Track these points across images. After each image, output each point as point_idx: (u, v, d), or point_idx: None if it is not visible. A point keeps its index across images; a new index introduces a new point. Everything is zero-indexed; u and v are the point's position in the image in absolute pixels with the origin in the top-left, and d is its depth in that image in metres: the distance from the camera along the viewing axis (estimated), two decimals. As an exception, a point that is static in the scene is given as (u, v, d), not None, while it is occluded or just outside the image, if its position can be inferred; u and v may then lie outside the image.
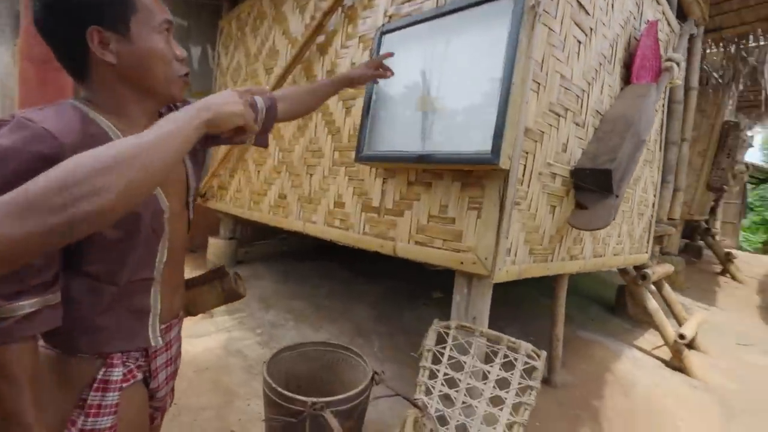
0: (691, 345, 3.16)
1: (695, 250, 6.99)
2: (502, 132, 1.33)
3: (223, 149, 3.22)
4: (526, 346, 1.49)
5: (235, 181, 3.17)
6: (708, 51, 4.24)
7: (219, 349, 2.55)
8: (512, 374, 1.48)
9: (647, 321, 3.46)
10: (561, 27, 1.59)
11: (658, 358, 3.11)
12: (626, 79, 2.25)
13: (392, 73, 1.45)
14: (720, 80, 4.50)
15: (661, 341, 3.14)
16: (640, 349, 3.22)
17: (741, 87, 4.81)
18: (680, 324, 3.39)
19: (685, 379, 2.87)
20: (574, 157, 1.82)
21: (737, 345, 3.91)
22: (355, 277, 3.88)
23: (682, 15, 3.16)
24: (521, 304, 3.65)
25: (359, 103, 1.96)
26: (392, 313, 3.20)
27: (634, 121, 1.87)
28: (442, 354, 1.55)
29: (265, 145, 1.12)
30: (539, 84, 1.53)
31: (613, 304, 4.08)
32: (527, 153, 1.54)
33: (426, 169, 1.69)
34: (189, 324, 2.81)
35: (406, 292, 3.59)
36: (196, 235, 4.36)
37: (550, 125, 1.64)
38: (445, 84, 1.57)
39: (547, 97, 1.59)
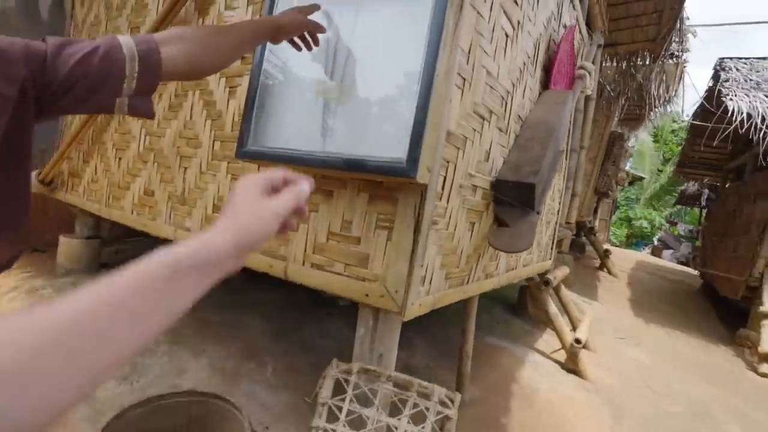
0: (584, 346, 3.32)
1: (579, 246, 7.69)
2: (421, 136, 1.04)
3: (76, 124, 2.51)
4: (439, 392, 1.25)
5: (90, 169, 2.50)
6: (603, 64, 4.51)
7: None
8: (423, 428, 1.23)
9: (545, 321, 3.57)
10: (490, 14, 1.35)
11: (555, 361, 3.20)
12: (544, 84, 2.14)
13: (324, 30, 1.11)
14: (611, 93, 4.85)
15: (558, 344, 3.24)
16: (541, 353, 3.28)
17: (626, 101, 5.26)
18: (573, 324, 3.56)
19: (579, 382, 2.97)
20: (496, 167, 1.62)
21: (616, 339, 4.28)
22: (249, 282, 3.40)
23: (587, 26, 3.22)
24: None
25: (246, 82, 1.53)
26: (291, 327, 2.83)
27: (555, 130, 1.74)
28: (340, 408, 1.24)
29: (150, 114, 0.76)
30: (464, 79, 1.27)
31: (515, 303, 4.19)
32: (448, 162, 1.28)
33: (326, 175, 1.35)
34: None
35: (307, 300, 3.23)
36: (44, 230, 3.49)
37: (474, 129, 1.40)
38: (352, 67, 1.23)
39: (472, 96, 1.35)
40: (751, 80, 4.93)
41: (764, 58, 5.97)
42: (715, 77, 5.75)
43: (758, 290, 4.60)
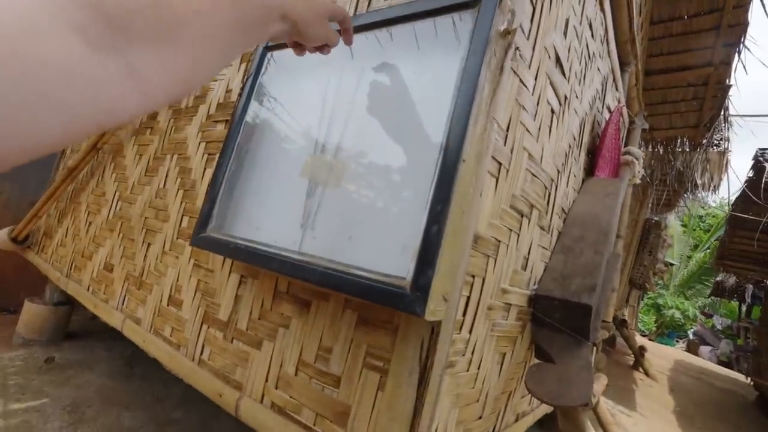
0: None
1: (610, 339, 6.93)
2: (436, 249, 0.67)
3: (58, 178, 2.28)
4: None
5: (62, 230, 2.21)
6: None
7: None
8: None
9: (580, 444, 2.92)
10: (535, 83, 1.04)
11: (596, 505, 2.53)
12: (588, 170, 1.80)
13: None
14: (648, 179, 4.52)
15: (598, 480, 2.58)
16: (576, 492, 2.62)
17: (664, 187, 4.90)
18: (616, 453, 2.90)
19: None
20: (536, 275, 1.23)
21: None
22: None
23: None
24: None
25: (225, 149, 1.23)
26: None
27: (609, 228, 1.36)
28: None
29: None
30: (500, 165, 0.93)
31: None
32: (474, 277, 0.90)
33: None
34: None
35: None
36: (15, 291, 3.18)
37: (510, 230, 1.03)
38: (349, 143, 0.91)
39: (509, 187, 1.00)
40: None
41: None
42: (756, 167, 5.40)
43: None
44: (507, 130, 0.94)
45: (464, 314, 0.89)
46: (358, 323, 0.88)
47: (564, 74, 1.24)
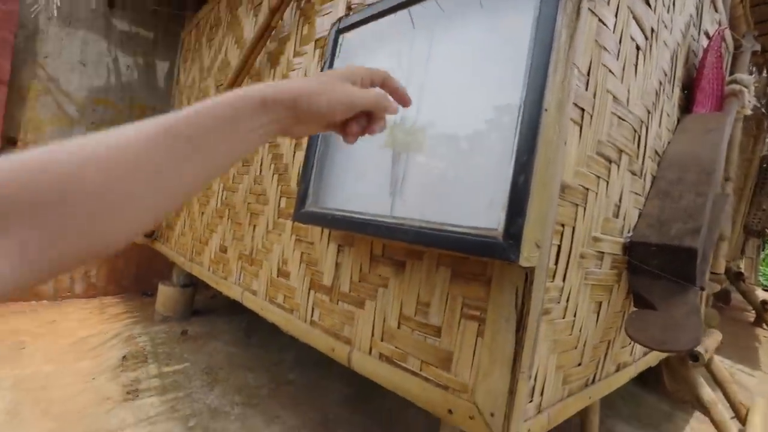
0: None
1: (723, 295, 6.26)
2: (524, 198, 0.71)
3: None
4: None
5: (180, 222, 2.57)
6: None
7: (125, 457, 1.89)
8: None
9: (692, 403, 2.76)
10: (616, 21, 0.99)
11: (713, 464, 2.39)
12: (684, 107, 1.64)
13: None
14: (763, 109, 3.91)
15: (715, 437, 2.43)
16: (690, 452, 2.50)
17: (782, 117, 4.20)
18: (737, 412, 2.68)
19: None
20: (629, 223, 1.19)
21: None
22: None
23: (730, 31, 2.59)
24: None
25: (311, 132, 1.35)
26: (373, 393, 2.52)
27: (713, 168, 1.25)
28: None
29: None
30: (583, 111, 0.91)
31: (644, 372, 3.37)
32: (563, 226, 0.91)
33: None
34: (100, 410, 2.16)
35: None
36: (149, 277, 3.75)
37: (598, 177, 1.01)
38: (427, 109, 0.96)
39: (594, 133, 0.98)
40: None
41: None
42: None
43: None
44: (588, 75, 0.91)
45: (556, 263, 0.91)
46: (452, 278, 0.95)
47: (649, 4, 1.14)
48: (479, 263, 0.90)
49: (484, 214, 0.79)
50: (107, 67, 3.37)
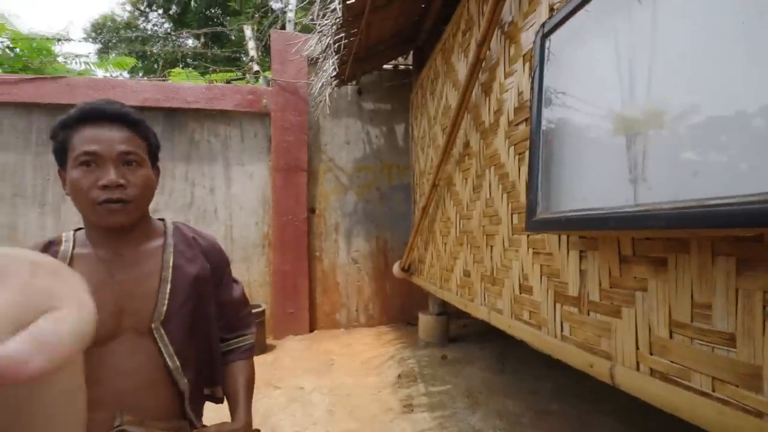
0: None
1: None
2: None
3: (416, 217, 3.05)
4: None
5: (429, 255, 2.90)
6: None
7: (410, 463, 2.15)
8: None
9: None
10: None
11: None
12: None
13: None
14: None
15: None
16: None
17: None
18: None
19: None
20: None
21: None
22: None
23: None
24: None
25: (532, 143, 1.36)
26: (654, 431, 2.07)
27: None
28: None
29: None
30: None
31: None
32: None
33: (650, 237, 0.92)
34: (386, 418, 2.56)
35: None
36: (411, 309, 4.29)
37: None
38: (658, 82, 0.84)
39: None
40: None
41: None
42: None
43: None
44: None
45: None
46: (738, 269, 0.75)
47: None
48: (780, 245, 0.68)
49: (757, 182, 0.61)
50: (362, 141, 4.28)
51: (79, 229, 0.85)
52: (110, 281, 0.77)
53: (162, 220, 0.91)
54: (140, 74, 8.78)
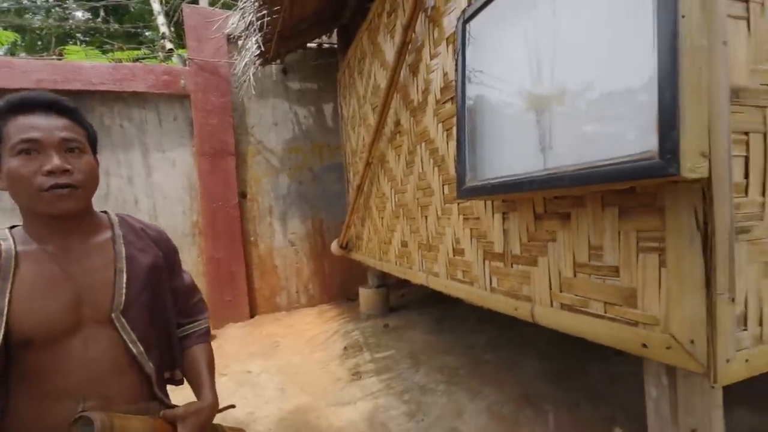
0: None
1: None
2: (674, 110, 0.70)
3: (350, 196, 3.14)
4: None
5: (366, 231, 3.02)
6: None
7: (363, 421, 2.31)
8: None
9: None
10: None
11: None
12: None
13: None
14: None
15: None
16: None
17: None
18: None
19: None
20: None
21: None
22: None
23: None
24: None
25: (458, 120, 1.50)
26: (570, 369, 2.45)
27: None
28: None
29: None
30: (747, 2, 0.82)
31: None
32: (747, 134, 0.82)
33: (557, 196, 1.11)
34: (336, 388, 2.69)
35: (588, 337, 2.75)
36: (351, 285, 4.42)
37: (791, 71, 0.87)
38: (561, 63, 1.00)
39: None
40: None
41: None
42: None
43: None
44: (745, -39, 0.82)
45: (746, 176, 0.83)
46: (621, 215, 0.95)
47: None
48: (648, 194, 0.88)
49: (638, 142, 0.79)
50: (291, 122, 4.22)
51: (14, 226, 0.82)
52: (64, 275, 0.77)
53: (105, 212, 0.90)
54: (22, 53, 7.64)
